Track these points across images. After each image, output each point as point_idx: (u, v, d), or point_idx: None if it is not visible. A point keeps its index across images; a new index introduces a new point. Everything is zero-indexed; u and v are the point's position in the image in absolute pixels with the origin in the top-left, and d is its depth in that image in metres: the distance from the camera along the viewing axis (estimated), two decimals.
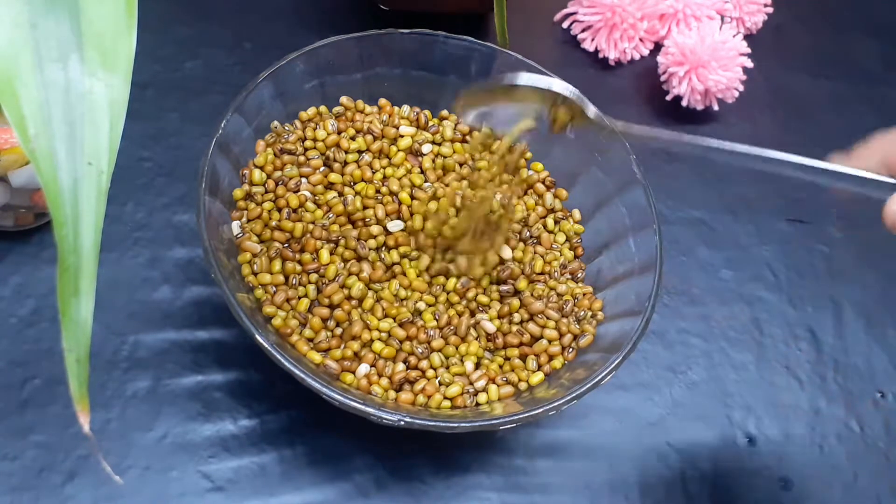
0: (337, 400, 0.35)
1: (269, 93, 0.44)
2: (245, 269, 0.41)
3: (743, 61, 0.60)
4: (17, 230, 0.45)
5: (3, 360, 0.42)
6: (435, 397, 0.40)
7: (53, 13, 0.26)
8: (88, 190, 0.26)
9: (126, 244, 0.47)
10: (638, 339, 0.39)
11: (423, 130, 0.49)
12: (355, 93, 0.48)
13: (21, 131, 0.25)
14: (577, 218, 0.48)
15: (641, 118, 0.61)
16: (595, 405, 0.46)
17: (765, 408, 0.49)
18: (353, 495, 0.41)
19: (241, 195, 0.43)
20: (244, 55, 0.57)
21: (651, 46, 0.65)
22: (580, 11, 0.63)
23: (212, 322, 0.45)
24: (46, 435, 0.40)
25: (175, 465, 0.41)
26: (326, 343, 0.40)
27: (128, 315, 0.44)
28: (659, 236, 0.43)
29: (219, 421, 0.42)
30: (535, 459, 0.44)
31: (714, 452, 0.47)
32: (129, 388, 0.42)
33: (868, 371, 0.52)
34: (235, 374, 0.44)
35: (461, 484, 0.43)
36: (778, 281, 0.55)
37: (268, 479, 0.41)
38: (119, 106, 0.27)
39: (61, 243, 0.25)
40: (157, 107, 0.52)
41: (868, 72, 0.69)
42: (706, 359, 0.50)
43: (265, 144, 0.45)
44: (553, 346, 0.42)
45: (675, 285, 0.53)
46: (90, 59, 0.27)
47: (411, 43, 0.48)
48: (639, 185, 0.45)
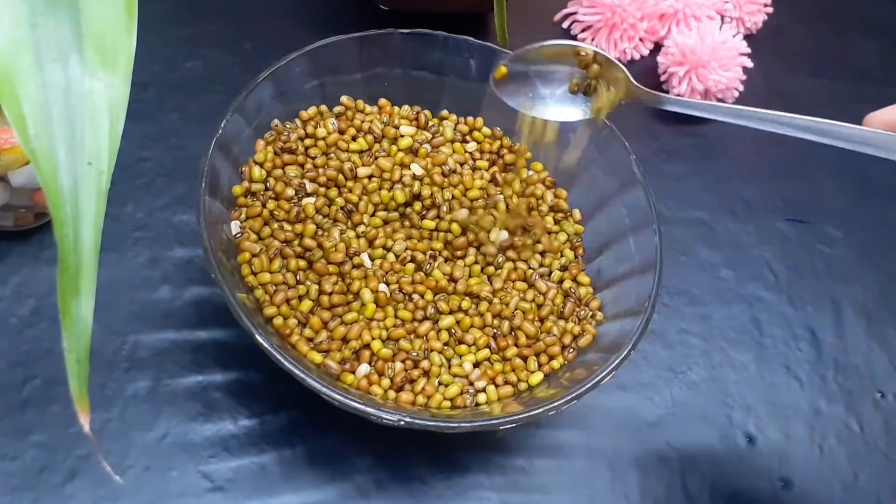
0: (337, 400, 0.35)
1: (269, 93, 0.44)
2: (245, 268, 0.41)
3: (743, 61, 0.60)
4: (17, 230, 0.45)
5: (3, 360, 0.42)
6: (435, 397, 0.40)
7: (53, 13, 0.26)
8: (88, 190, 0.26)
9: (126, 244, 0.47)
10: (638, 339, 0.39)
11: (423, 130, 0.49)
12: (355, 93, 0.48)
13: (21, 131, 0.25)
14: (577, 218, 0.48)
15: (641, 118, 0.61)
16: (595, 405, 0.46)
17: (765, 408, 0.49)
18: (353, 495, 0.41)
19: (240, 192, 0.43)
20: (244, 55, 0.57)
21: (651, 46, 0.65)
22: (580, 11, 0.63)
23: (212, 322, 0.45)
24: (46, 435, 0.40)
25: (175, 465, 0.41)
26: (327, 344, 0.40)
27: (128, 315, 0.44)
28: (659, 236, 0.43)
29: (219, 421, 0.42)
30: (535, 459, 0.44)
31: (714, 452, 0.47)
32: (129, 388, 0.42)
33: (868, 371, 0.52)
34: (235, 374, 0.44)
35: (461, 484, 0.43)
36: (778, 281, 0.55)
37: (268, 479, 0.41)
38: (119, 106, 0.27)
39: (61, 243, 0.25)
40: (157, 107, 0.52)
41: (868, 72, 0.69)
42: (706, 359, 0.50)
43: (265, 143, 0.45)
44: (553, 347, 0.42)
45: (675, 285, 0.53)
46: (90, 59, 0.27)
47: (411, 43, 0.48)
48: (639, 185, 0.45)
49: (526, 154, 0.49)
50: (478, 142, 0.50)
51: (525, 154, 0.49)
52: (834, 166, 0.62)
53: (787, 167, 0.61)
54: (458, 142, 0.49)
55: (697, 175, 0.59)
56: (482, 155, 0.49)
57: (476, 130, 0.50)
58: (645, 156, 0.47)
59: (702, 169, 0.59)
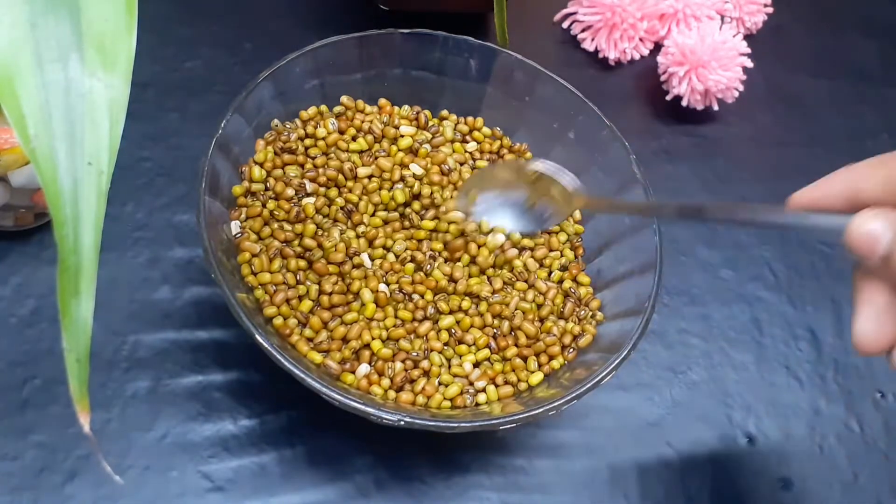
0: (337, 400, 0.35)
1: (269, 93, 0.44)
2: (245, 269, 0.41)
3: (743, 61, 0.60)
4: (17, 230, 0.45)
5: (3, 360, 0.42)
6: (435, 397, 0.40)
7: (53, 13, 0.26)
8: (88, 190, 0.26)
9: (126, 244, 0.47)
10: (638, 339, 0.39)
11: (423, 130, 0.49)
12: (355, 93, 0.48)
13: (21, 131, 0.25)
14: (577, 218, 0.48)
15: (641, 118, 0.61)
16: (595, 405, 0.46)
17: (765, 408, 0.49)
18: (353, 495, 0.41)
19: (240, 192, 0.43)
20: (244, 55, 0.57)
21: (651, 46, 0.65)
22: (580, 11, 0.63)
23: (212, 322, 0.45)
24: (46, 435, 0.40)
25: (175, 465, 0.41)
26: (327, 345, 0.40)
27: (128, 315, 0.44)
28: (659, 236, 0.43)
29: (219, 421, 0.42)
30: (535, 459, 0.44)
31: (714, 452, 0.47)
32: (129, 388, 0.42)
33: (868, 371, 0.52)
34: (235, 374, 0.44)
35: (461, 484, 0.43)
36: (778, 281, 0.55)
37: (268, 479, 0.41)
38: (119, 106, 0.27)
39: (61, 243, 0.25)
40: (157, 107, 0.52)
41: (868, 72, 0.69)
42: (706, 359, 0.50)
43: (265, 143, 0.45)
44: (553, 347, 0.42)
45: (675, 285, 0.53)
46: (90, 59, 0.27)
47: (411, 43, 0.48)
48: (639, 185, 0.45)
49: (526, 154, 0.49)
50: (478, 142, 0.50)
51: (525, 154, 0.49)
52: (834, 166, 0.62)
53: (787, 167, 0.61)
54: (458, 142, 0.49)
55: (697, 175, 0.59)
56: (482, 155, 0.49)
57: (476, 130, 0.50)
58: (645, 156, 0.47)
59: (702, 169, 0.59)
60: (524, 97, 0.49)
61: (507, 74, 0.49)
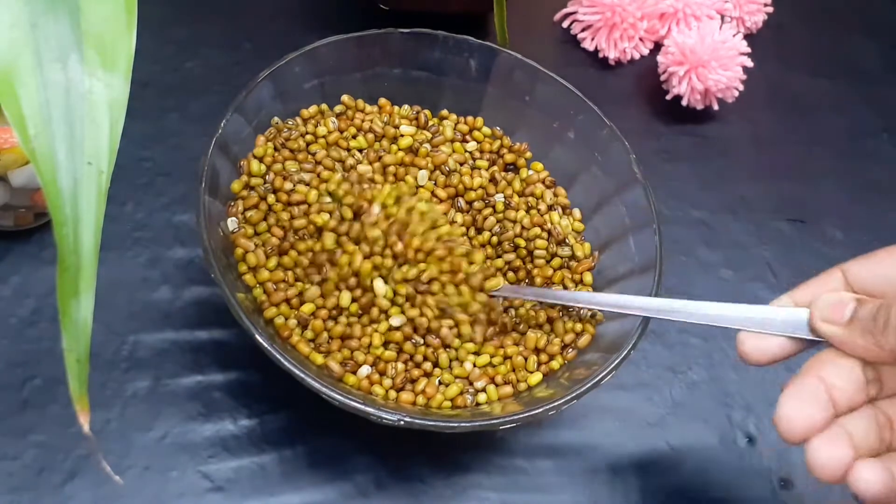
0: (337, 400, 0.35)
1: (269, 92, 0.44)
2: (241, 266, 0.41)
3: (743, 61, 0.60)
4: (17, 230, 0.45)
5: (3, 360, 0.42)
6: (435, 397, 0.40)
7: (53, 13, 0.26)
8: (88, 190, 0.26)
9: (126, 244, 0.47)
10: (638, 339, 0.39)
11: (423, 130, 0.49)
12: (355, 92, 0.48)
13: (21, 131, 0.25)
14: (577, 217, 0.48)
15: (641, 118, 0.61)
16: (595, 405, 0.46)
17: (765, 408, 0.49)
18: (353, 495, 0.41)
19: (239, 188, 0.43)
20: (244, 55, 0.57)
21: (651, 46, 0.65)
22: (580, 11, 0.63)
23: (212, 322, 0.45)
24: (46, 435, 0.40)
25: (175, 465, 0.41)
26: (327, 346, 0.40)
27: (128, 315, 0.44)
28: (659, 236, 0.43)
29: (219, 421, 0.42)
30: (535, 459, 0.44)
31: (714, 452, 0.47)
32: (129, 388, 0.42)
33: None
34: (235, 374, 0.44)
35: (461, 484, 0.43)
36: (778, 281, 0.55)
37: (268, 479, 0.41)
38: (119, 106, 0.27)
39: (61, 243, 0.25)
40: (157, 107, 0.52)
41: (868, 72, 0.69)
42: (706, 359, 0.50)
43: (265, 139, 0.45)
44: (552, 346, 0.42)
45: (675, 285, 0.53)
46: (90, 59, 0.27)
47: (411, 43, 0.48)
48: (639, 185, 0.45)
49: (526, 153, 0.49)
50: (478, 141, 0.50)
51: (525, 153, 0.49)
52: (834, 166, 0.62)
53: (787, 167, 0.61)
54: (458, 141, 0.49)
55: (697, 175, 0.59)
56: (482, 154, 0.49)
57: (476, 130, 0.50)
58: (645, 156, 0.47)
59: (702, 169, 0.59)
60: (524, 97, 0.49)
61: (507, 74, 0.49)
